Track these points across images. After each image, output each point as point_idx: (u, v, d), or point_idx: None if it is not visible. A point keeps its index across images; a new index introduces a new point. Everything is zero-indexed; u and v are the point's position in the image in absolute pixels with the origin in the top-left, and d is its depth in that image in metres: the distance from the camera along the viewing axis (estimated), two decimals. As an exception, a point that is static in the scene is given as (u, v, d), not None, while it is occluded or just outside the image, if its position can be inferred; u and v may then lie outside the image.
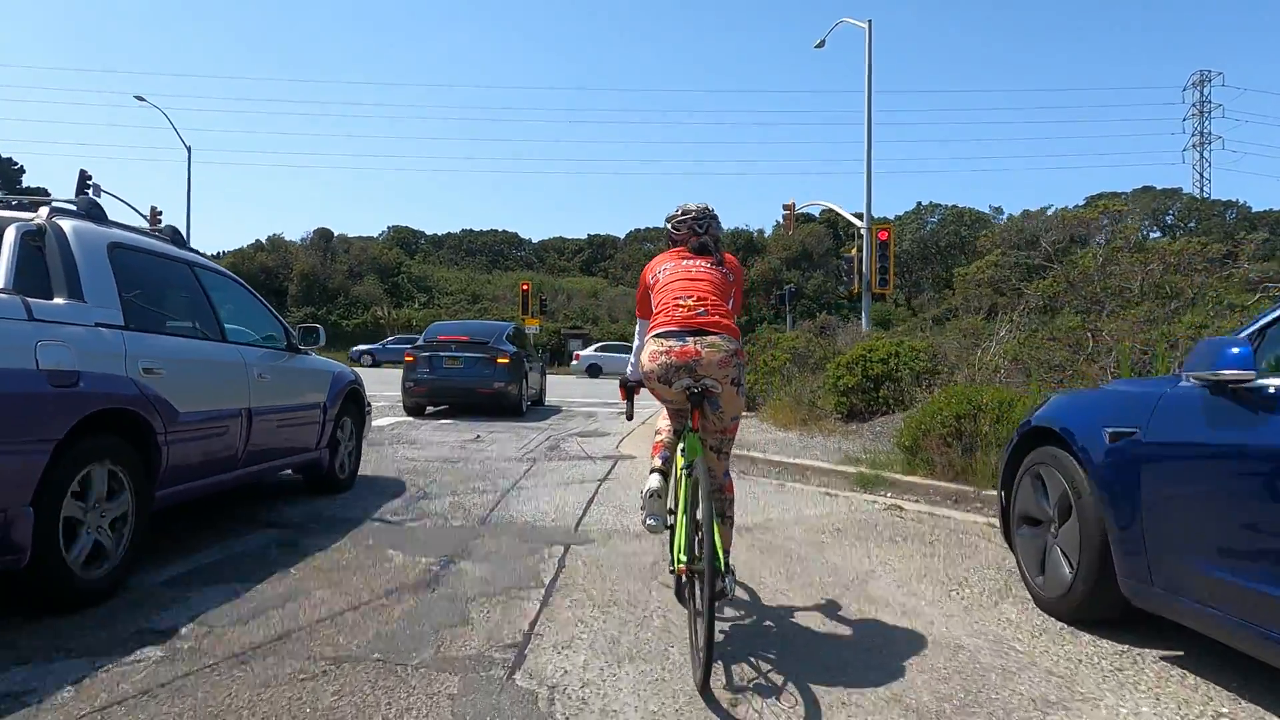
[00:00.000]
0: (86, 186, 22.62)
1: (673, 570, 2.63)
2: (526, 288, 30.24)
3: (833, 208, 22.09)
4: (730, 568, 2.67)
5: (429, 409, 12.16)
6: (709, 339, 2.66)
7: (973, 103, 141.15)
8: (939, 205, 56.97)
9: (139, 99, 27.77)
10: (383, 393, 14.04)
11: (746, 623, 2.98)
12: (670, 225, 3.08)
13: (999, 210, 55.80)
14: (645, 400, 3.48)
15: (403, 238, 68.68)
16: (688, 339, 2.67)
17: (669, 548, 2.82)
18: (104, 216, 3.63)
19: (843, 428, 9.17)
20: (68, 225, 3.26)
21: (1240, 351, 2.22)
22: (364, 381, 6.12)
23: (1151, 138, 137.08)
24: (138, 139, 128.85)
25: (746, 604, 3.20)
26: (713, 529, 2.42)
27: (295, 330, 5.17)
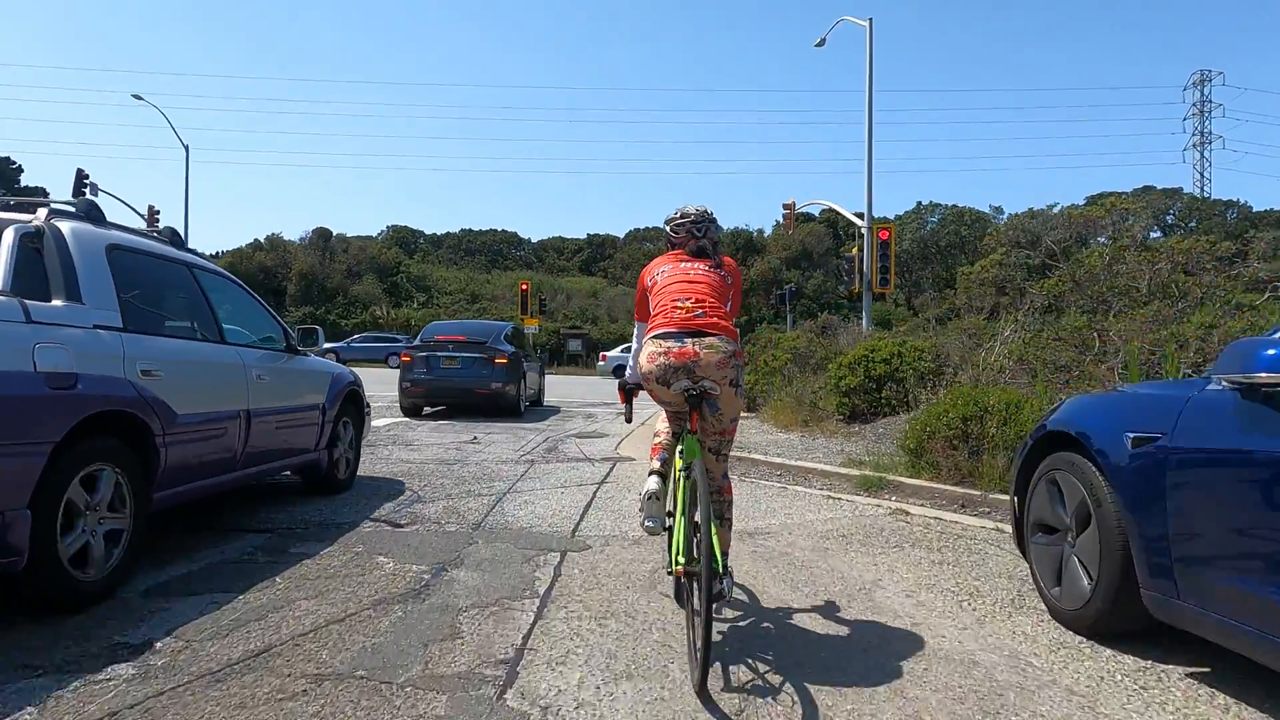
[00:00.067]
0: (84, 186, 22.47)
1: (670, 572, 2.61)
2: (526, 287, 30.10)
3: (833, 207, 21.94)
4: (728, 569, 2.66)
5: (426, 410, 12.04)
6: (707, 340, 2.65)
7: (973, 102, 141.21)
8: (939, 205, 56.84)
9: (136, 97, 27.71)
10: (380, 393, 13.90)
11: (748, 627, 2.85)
12: (669, 228, 3.07)
13: (999, 210, 55.71)
14: (645, 402, 3.38)
15: (402, 237, 68.46)
16: (686, 340, 2.65)
17: (667, 549, 2.79)
18: (102, 218, 3.61)
19: (845, 429, 9.05)
20: (66, 227, 3.25)
21: (1276, 353, 2.09)
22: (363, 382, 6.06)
23: (1152, 137, 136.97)
24: (137, 138, 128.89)
25: (748, 611, 3.07)
26: (710, 531, 2.39)
27: (294, 331, 5.17)
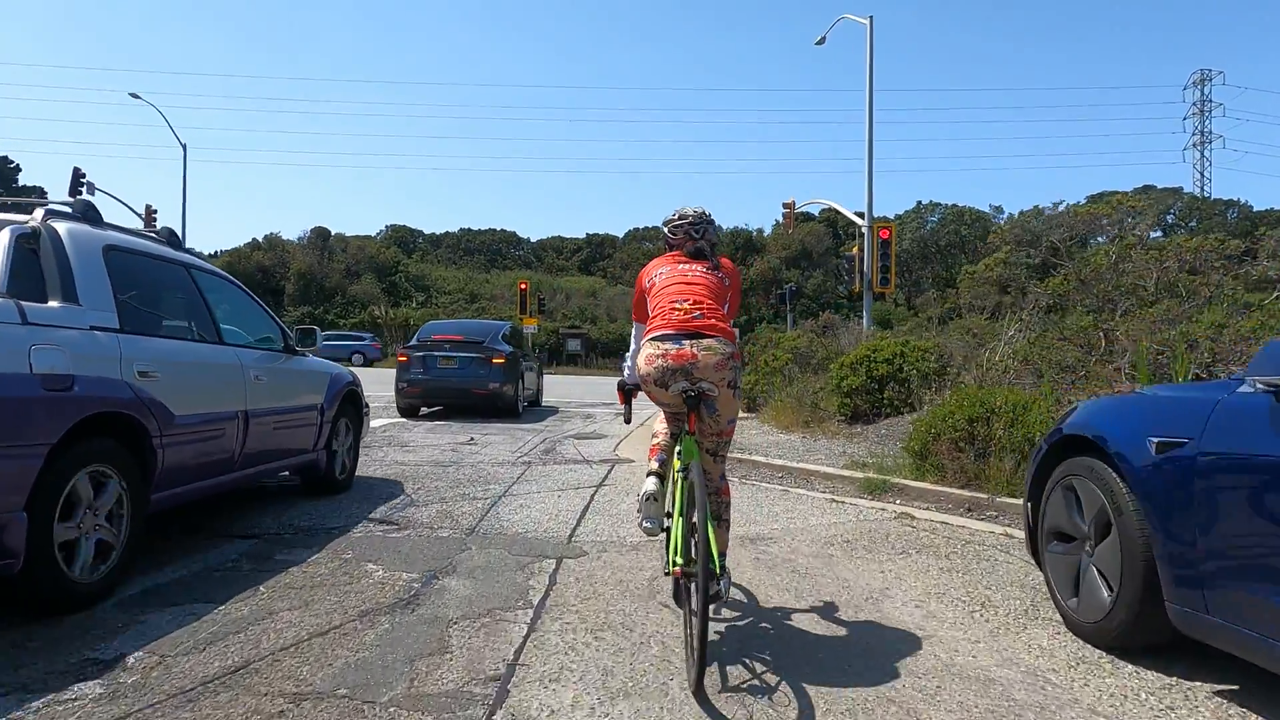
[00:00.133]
0: (80, 184, 22.32)
1: (668, 573, 2.61)
2: (525, 287, 29.98)
3: (833, 206, 21.81)
4: (726, 570, 2.67)
5: (423, 410, 11.91)
6: (705, 342, 2.65)
7: (973, 102, 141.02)
8: (939, 204, 56.77)
9: (134, 96, 27.55)
10: (378, 393, 13.76)
11: (749, 632, 2.72)
12: (667, 229, 3.06)
13: (999, 209, 55.64)
14: (644, 402, 3.29)
15: (400, 237, 68.29)
16: (684, 342, 2.66)
17: (665, 550, 2.77)
18: (99, 218, 3.58)
19: (847, 430, 8.93)
20: (63, 228, 3.22)
21: (1317, 354, 1.96)
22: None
23: (1152, 137, 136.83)
24: (135, 137, 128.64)
25: (750, 619, 2.94)
26: (707, 531, 2.39)
27: (292, 331, 5.15)
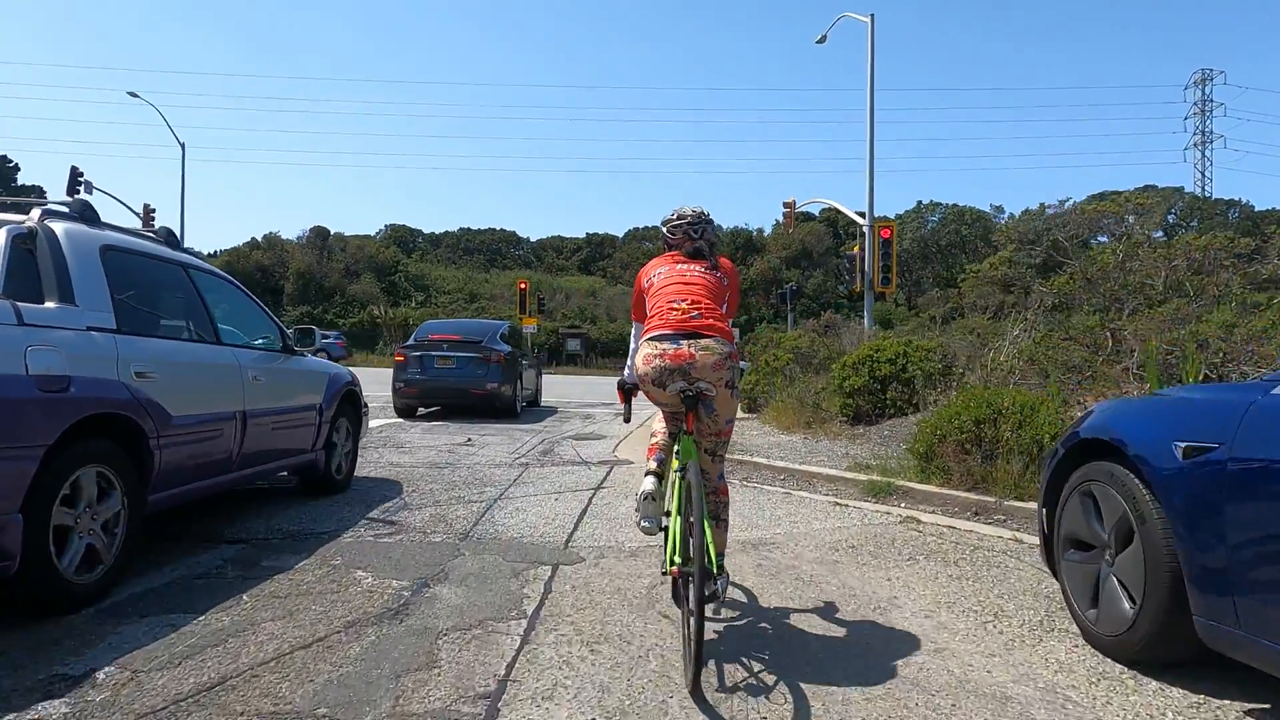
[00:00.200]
0: (78, 184, 22.19)
1: (665, 573, 2.61)
2: (524, 286, 29.87)
3: (834, 205, 21.68)
4: (724, 570, 2.68)
5: (420, 410, 11.78)
6: (703, 342, 2.65)
7: (973, 101, 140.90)
8: (939, 204, 56.68)
9: (132, 95, 27.43)
10: (376, 393, 13.63)
11: (751, 642, 2.59)
12: (666, 229, 3.06)
13: (1000, 209, 55.56)
14: (644, 402, 3.19)
15: (400, 236, 68.17)
16: (681, 342, 2.66)
17: (664, 550, 2.76)
18: (97, 218, 3.56)
19: (849, 431, 8.81)
20: (60, 228, 3.21)
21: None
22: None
23: (1153, 136, 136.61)
24: (135, 136, 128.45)
25: (753, 628, 2.81)
26: (704, 531, 2.38)
27: (291, 331, 5.14)
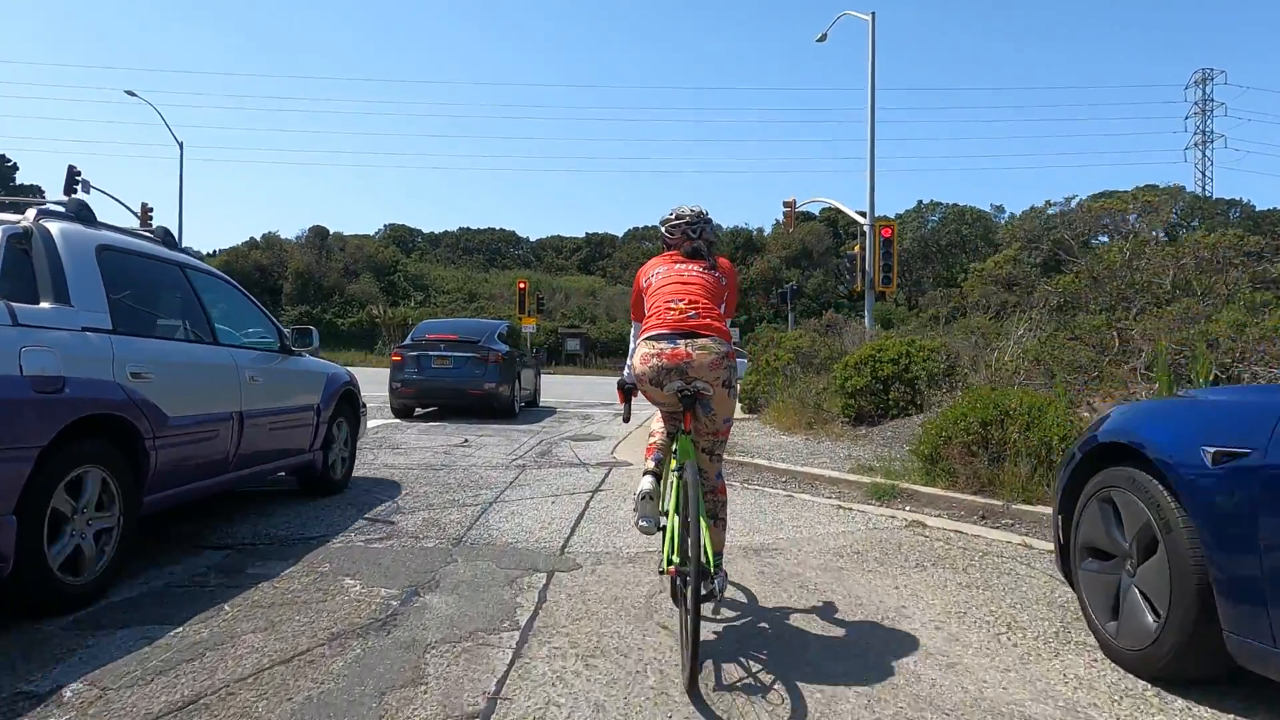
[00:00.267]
0: (75, 183, 22.04)
1: (662, 571, 2.60)
2: (524, 286, 29.71)
3: (835, 204, 21.53)
4: (722, 569, 2.68)
5: (418, 411, 11.66)
6: (700, 341, 2.66)
7: (973, 101, 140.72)
8: (940, 204, 56.54)
9: (129, 93, 27.34)
10: (373, 394, 13.50)
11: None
12: (664, 229, 3.05)
13: (1000, 209, 55.45)
14: (644, 402, 3.11)
15: (399, 236, 67.95)
16: (678, 341, 2.66)
17: (662, 549, 2.74)
18: (92, 218, 3.53)
19: (851, 432, 8.68)
20: (55, 227, 3.19)
21: None
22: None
23: (1153, 136, 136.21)
24: (134, 135, 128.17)
25: (759, 640, 2.69)
26: (700, 530, 2.38)
27: (289, 331, 5.06)
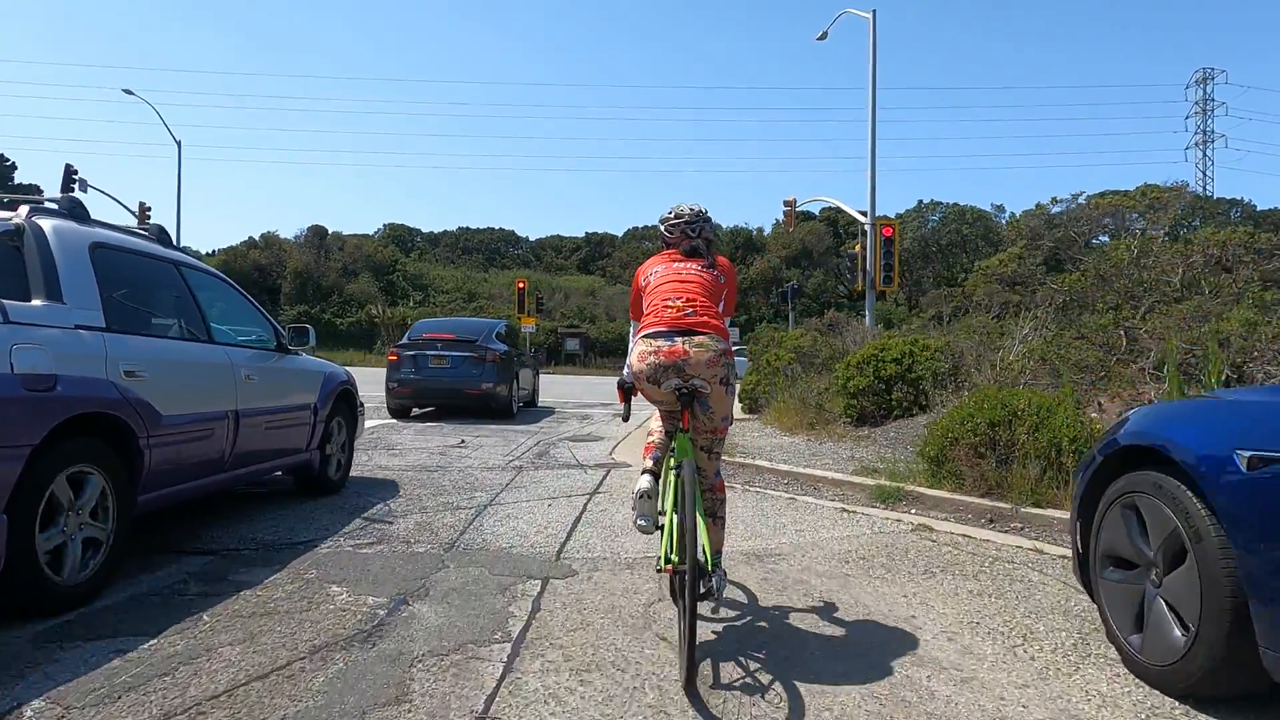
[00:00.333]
0: (73, 181, 21.93)
1: (660, 570, 2.57)
2: (523, 286, 29.57)
3: (836, 204, 21.42)
4: (720, 568, 2.67)
5: (415, 411, 11.53)
6: (697, 339, 2.65)
7: (974, 100, 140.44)
8: (940, 203, 56.34)
9: (127, 92, 27.25)
10: (371, 394, 13.37)
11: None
12: (663, 227, 3.05)
13: (1000, 208, 55.33)
14: (643, 402, 3.02)
15: (398, 235, 67.72)
16: (676, 339, 2.66)
17: (660, 548, 2.70)
18: (86, 215, 3.51)
19: (853, 433, 8.55)
20: (48, 225, 3.17)
21: None
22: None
23: (1154, 136, 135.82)
24: (134, 134, 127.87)
25: (763, 648, 2.55)
26: (696, 528, 2.39)
27: (285, 330, 5.00)
